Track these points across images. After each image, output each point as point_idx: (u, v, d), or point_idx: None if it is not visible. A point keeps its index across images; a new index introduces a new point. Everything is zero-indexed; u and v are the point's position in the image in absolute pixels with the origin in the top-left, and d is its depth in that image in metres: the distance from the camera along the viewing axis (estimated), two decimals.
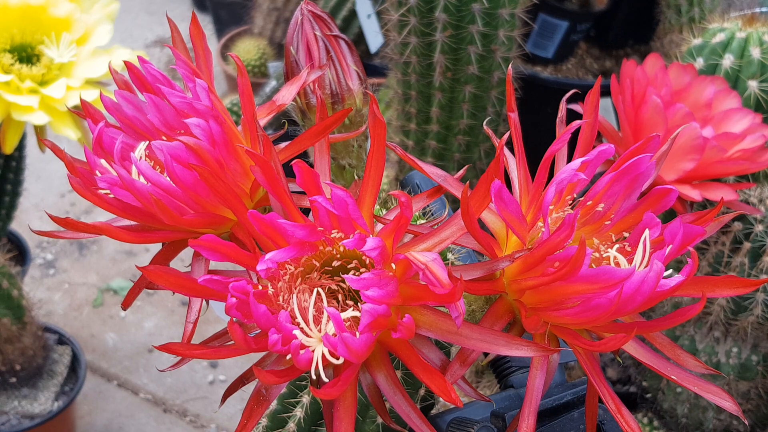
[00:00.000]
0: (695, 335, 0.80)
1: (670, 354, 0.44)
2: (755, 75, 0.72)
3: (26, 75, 0.74)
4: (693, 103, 0.70)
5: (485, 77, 0.84)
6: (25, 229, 1.32)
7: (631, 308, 0.38)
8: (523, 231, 0.40)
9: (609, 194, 0.44)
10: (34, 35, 0.75)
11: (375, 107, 0.40)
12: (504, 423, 0.48)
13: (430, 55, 0.83)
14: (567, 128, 0.43)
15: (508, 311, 0.44)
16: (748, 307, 0.73)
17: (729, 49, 0.73)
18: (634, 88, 0.69)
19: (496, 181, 0.38)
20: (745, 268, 0.71)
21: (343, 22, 1.25)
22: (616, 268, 0.37)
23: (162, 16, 2.61)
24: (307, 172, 0.38)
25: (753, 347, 0.77)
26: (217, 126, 0.44)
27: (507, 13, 0.79)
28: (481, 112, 0.87)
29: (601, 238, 0.45)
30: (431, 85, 0.86)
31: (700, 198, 0.67)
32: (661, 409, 0.87)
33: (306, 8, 0.57)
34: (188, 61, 0.47)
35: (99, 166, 0.45)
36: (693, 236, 0.42)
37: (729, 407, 0.41)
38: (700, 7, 0.99)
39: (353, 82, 0.58)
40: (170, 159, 0.42)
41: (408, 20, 0.82)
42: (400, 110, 0.91)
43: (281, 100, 0.51)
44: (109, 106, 0.48)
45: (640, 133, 0.69)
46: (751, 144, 0.67)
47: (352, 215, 0.37)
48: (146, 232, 0.46)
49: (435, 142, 0.91)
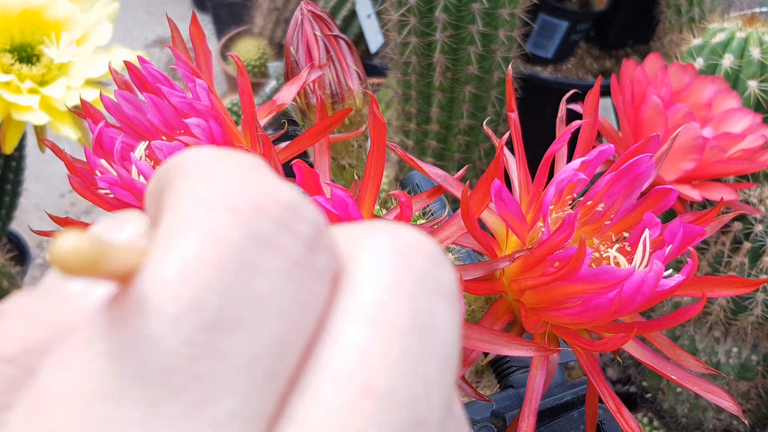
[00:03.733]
0: (695, 335, 0.80)
1: (671, 354, 0.44)
2: (755, 75, 0.72)
3: (26, 75, 0.74)
4: (693, 103, 0.70)
5: (485, 77, 0.84)
6: (26, 229, 1.32)
7: (631, 308, 0.38)
8: (523, 231, 0.41)
9: (609, 194, 0.44)
10: (34, 35, 0.75)
11: (375, 107, 0.40)
12: (504, 423, 0.48)
13: (430, 55, 0.83)
14: (567, 128, 0.43)
15: (508, 311, 0.44)
16: (747, 307, 0.73)
17: (729, 49, 0.73)
18: (634, 87, 0.69)
19: (496, 181, 0.38)
20: (745, 268, 0.71)
21: (343, 22, 1.25)
22: (616, 268, 0.37)
23: (162, 15, 2.61)
24: (307, 172, 0.38)
25: (753, 347, 0.77)
26: (217, 126, 0.44)
27: (507, 13, 0.79)
28: (480, 112, 0.87)
29: (600, 238, 0.45)
30: (431, 85, 0.86)
31: (699, 198, 0.67)
32: (660, 409, 0.87)
33: (306, 8, 0.57)
34: (188, 61, 0.47)
35: (99, 165, 0.45)
36: (693, 236, 0.42)
37: (729, 407, 0.41)
38: (700, 7, 0.99)
39: (353, 82, 0.58)
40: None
41: (408, 20, 0.81)
42: (400, 110, 0.91)
43: (281, 100, 0.51)
44: (109, 106, 0.48)
45: (640, 132, 0.69)
46: (751, 144, 0.67)
47: (352, 215, 0.37)
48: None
49: (435, 142, 0.91)
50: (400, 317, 0.14)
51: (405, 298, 0.14)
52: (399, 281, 0.14)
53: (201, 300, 0.12)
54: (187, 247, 0.13)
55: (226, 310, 0.12)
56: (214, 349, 0.12)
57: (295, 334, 0.13)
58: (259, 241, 0.13)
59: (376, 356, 0.13)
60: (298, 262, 0.14)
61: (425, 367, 0.14)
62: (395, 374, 0.13)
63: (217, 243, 0.13)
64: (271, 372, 0.13)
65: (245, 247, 0.13)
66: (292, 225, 0.14)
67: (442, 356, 0.14)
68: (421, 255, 0.15)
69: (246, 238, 0.13)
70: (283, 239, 0.14)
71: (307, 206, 0.14)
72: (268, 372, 0.13)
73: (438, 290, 0.15)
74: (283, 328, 0.13)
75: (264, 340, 0.13)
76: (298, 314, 0.13)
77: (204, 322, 0.12)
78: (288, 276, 0.13)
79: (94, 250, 0.12)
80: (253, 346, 0.13)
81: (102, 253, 0.12)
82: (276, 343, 0.13)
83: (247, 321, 0.13)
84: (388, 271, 0.14)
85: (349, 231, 0.15)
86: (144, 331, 0.12)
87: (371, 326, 0.14)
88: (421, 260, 0.15)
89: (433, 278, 0.15)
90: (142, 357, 0.12)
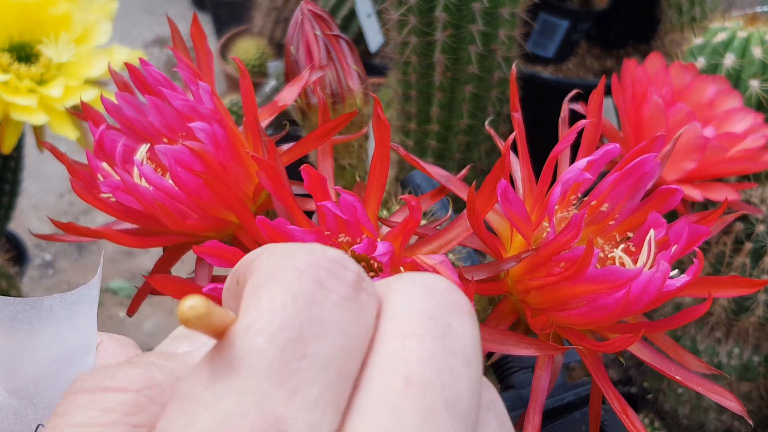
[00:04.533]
0: (696, 336, 0.79)
1: (673, 354, 0.44)
2: (757, 74, 0.72)
3: (25, 74, 0.73)
4: (694, 102, 0.70)
5: (485, 77, 0.84)
6: (24, 229, 1.32)
7: (637, 308, 0.38)
8: (529, 231, 0.40)
9: (613, 194, 0.44)
10: (32, 34, 0.75)
11: (379, 109, 0.40)
12: None
13: (430, 54, 0.83)
14: (572, 129, 0.43)
15: (513, 311, 0.43)
16: (749, 308, 0.73)
17: (730, 48, 0.73)
18: (635, 87, 0.69)
19: (502, 181, 0.38)
20: (747, 268, 0.71)
21: (342, 21, 1.24)
22: (623, 269, 0.37)
23: (161, 15, 2.60)
24: (315, 177, 0.38)
25: (754, 348, 0.77)
26: (220, 129, 0.44)
27: (507, 13, 0.79)
28: (481, 112, 0.87)
29: (605, 238, 0.45)
30: (431, 85, 0.86)
31: (701, 198, 0.67)
32: (662, 410, 0.87)
33: (306, 8, 0.57)
34: (189, 63, 0.47)
35: (101, 169, 0.45)
36: (698, 236, 0.42)
37: (733, 407, 0.41)
38: (702, 7, 0.99)
39: (354, 81, 0.58)
40: (174, 163, 0.42)
41: (408, 20, 0.81)
42: (400, 110, 0.91)
43: (283, 101, 0.51)
44: (109, 108, 0.48)
45: (641, 132, 0.69)
46: (752, 144, 0.67)
47: (360, 220, 0.37)
48: (148, 236, 0.46)
49: (435, 142, 0.91)
50: (425, 330, 0.19)
51: (428, 317, 0.20)
52: (422, 306, 0.20)
53: (286, 323, 0.18)
54: (271, 292, 0.19)
55: (304, 329, 0.18)
56: (300, 354, 0.18)
57: (353, 346, 0.19)
58: (318, 284, 0.19)
59: (411, 359, 0.19)
60: (347, 297, 0.19)
61: (450, 363, 0.19)
62: (427, 369, 0.18)
63: (290, 287, 0.19)
64: (340, 371, 0.18)
65: (310, 290, 0.19)
66: (339, 273, 0.20)
67: (463, 355, 0.19)
68: (438, 288, 0.21)
69: (310, 283, 0.19)
70: (335, 283, 0.19)
71: (349, 261, 0.20)
72: (338, 371, 0.18)
73: (453, 310, 0.20)
74: (343, 341, 0.19)
75: (331, 348, 0.18)
76: (352, 333, 0.19)
77: (290, 337, 0.18)
78: (342, 306, 0.19)
79: (205, 307, 0.18)
80: (325, 351, 0.18)
81: (210, 310, 0.18)
82: (340, 350, 0.18)
83: (318, 335, 0.18)
84: (414, 299, 0.20)
85: (383, 280, 0.22)
86: (251, 345, 0.18)
87: (406, 339, 0.19)
88: (438, 291, 0.21)
89: (449, 301, 0.20)
90: (251, 363, 0.18)
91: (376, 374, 0.19)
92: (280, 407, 0.17)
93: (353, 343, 0.19)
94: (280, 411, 0.17)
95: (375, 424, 0.18)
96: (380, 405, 0.18)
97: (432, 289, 0.20)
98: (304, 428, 0.17)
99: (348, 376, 0.18)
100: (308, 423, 0.17)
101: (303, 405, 0.17)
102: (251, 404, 0.17)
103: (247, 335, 0.18)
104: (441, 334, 0.19)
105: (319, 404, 0.17)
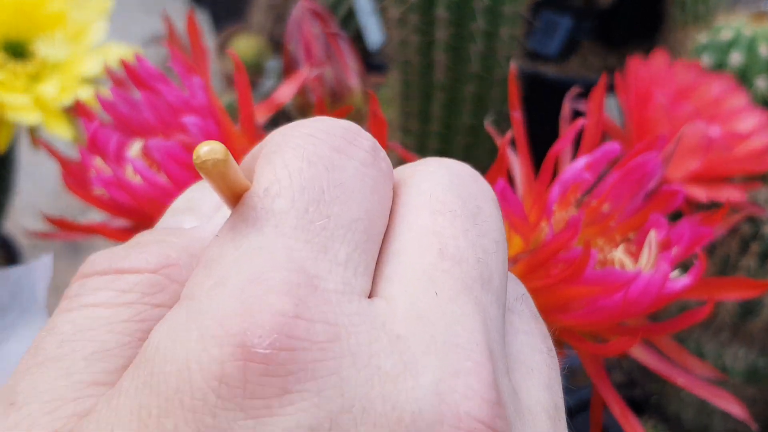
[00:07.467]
0: (701, 339, 0.79)
1: (677, 358, 0.43)
2: (763, 73, 0.71)
3: (19, 72, 0.73)
4: (699, 101, 0.69)
5: (487, 76, 0.83)
6: (19, 229, 1.32)
7: (637, 311, 0.37)
8: (527, 232, 0.40)
9: (614, 194, 0.43)
10: (27, 32, 0.74)
11: (375, 106, 0.39)
12: None
13: (431, 53, 0.82)
14: (572, 126, 0.42)
15: None
16: (755, 311, 0.72)
17: (736, 46, 0.72)
18: (639, 85, 0.68)
19: (500, 180, 0.37)
20: (753, 270, 0.70)
21: (342, 19, 1.24)
22: (621, 270, 0.36)
23: (158, 12, 2.61)
24: None
25: (760, 351, 0.76)
26: (214, 124, 0.43)
27: (509, 11, 0.78)
28: (482, 111, 0.87)
29: (605, 239, 0.44)
30: (432, 84, 0.85)
31: (705, 198, 0.66)
32: (665, 414, 0.86)
33: (305, 5, 0.56)
34: (184, 57, 0.46)
35: (93, 165, 0.44)
36: (700, 238, 0.41)
37: (737, 412, 0.41)
38: (706, 5, 0.98)
39: (352, 80, 0.58)
40: (166, 158, 0.41)
41: (408, 18, 0.81)
42: (400, 109, 0.90)
43: (280, 99, 0.51)
44: (104, 104, 0.47)
45: (644, 131, 0.68)
46: (758, 143, 0.66)
47: None
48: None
49: (436, 142, 0.90)
50: (457, 208, 0.19)
51: (458, 196, 0.19)
52: (452, 186, 0.20)
53: (306, 185, 0.18)
54: (286, 156, 0.18)
55: (325, 192, 0.18)
56: (324, 214, 0.17)
57: (377, 212, 0.19)
58: (334, 149, 0.18)
59: (445, 234, 0.18)
60: (366, 162, 0.19)
61: (482, 241, 0.19)
62: (461, 243, 0.18)
63: (305, 152, 0.18)
64: (367, 233, 0.18)
65: (327, 154, 0.18)
66: (356, 140, 0.19)
67: (493, 237, 0.19)
68: (466, 172, 0.21)
69: (326, 147, 0.18)
70: (352, 148, 0.19)
71: (362, 131, 0.20)
72: (365, 233, 0.18)
73: (481, 194, 0.20)
74: (367, 204, 0.18)
75: (357, 211, 0.18)
76: (375, 198, 0.19)
77: (312, 198, 0.17)
78: (361, 171, 0.19)
79: (224, 153, 0.16)
80: (349, 213, 0.18)
81: (229, 158, 0.16)
82: (365, 213, 0.18)
83: (341, 198, 0.18)
84: (444, 179, 0.20)
85: (407, 165, 0.21)
86: (273, 207, 0.17)
87: (437, 215, 0.19)
88: (466, 175, 0.20)
89: (478, 185, 0.20)
90: (276, 222, 0.17)
91: (406, 246, 0.18)
92: (311, 265, 0.17)
93: (377, 208, 0.19)
94: (311, 268, 0.17)
95: (410, 292, 0.17)
96: (414, 274, 0.18)
97: (461, 173, 0.20)
98: (339, 284, 0.17)
99: (374, 243, 0.18)
100: (342, 280, 0.17)
101: (334, 263, 0.17)
102: (282, 261, 0.16)
103: (267, 197, 0.17)
104: (472, 213, 0.19)
105: (350, 264, 0.17)
